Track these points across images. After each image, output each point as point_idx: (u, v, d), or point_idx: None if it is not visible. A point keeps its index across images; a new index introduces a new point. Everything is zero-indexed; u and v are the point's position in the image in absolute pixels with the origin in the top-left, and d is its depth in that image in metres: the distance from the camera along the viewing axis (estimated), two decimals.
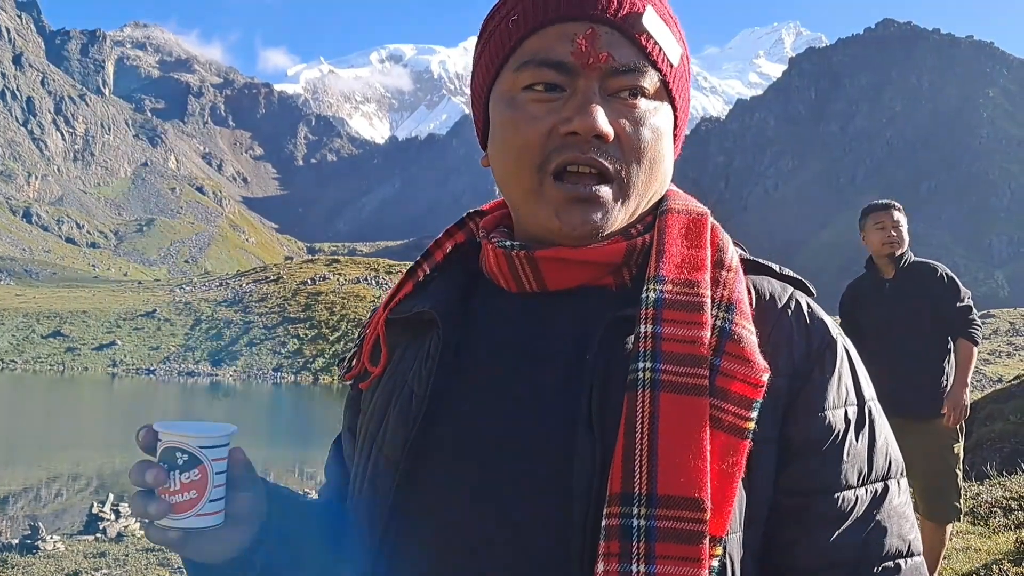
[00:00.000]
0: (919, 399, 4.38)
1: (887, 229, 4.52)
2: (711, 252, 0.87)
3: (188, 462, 0.80)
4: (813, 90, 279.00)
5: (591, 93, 0.83)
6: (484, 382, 0.87)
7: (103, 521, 13.51)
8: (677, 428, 0.77)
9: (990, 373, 34.44)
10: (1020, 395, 11.24)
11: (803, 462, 0.83)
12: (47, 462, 23.11)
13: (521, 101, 0.86)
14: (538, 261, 0.87)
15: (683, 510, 0.75)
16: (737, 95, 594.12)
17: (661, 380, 0.78)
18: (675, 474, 0.76)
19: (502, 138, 0.88)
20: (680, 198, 0.93)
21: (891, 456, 0.87)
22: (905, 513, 0.85)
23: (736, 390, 0.79)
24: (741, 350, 0.81)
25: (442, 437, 0.86)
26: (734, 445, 0.78)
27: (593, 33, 0.83)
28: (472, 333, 0.91)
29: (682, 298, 0.82)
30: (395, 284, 1.00)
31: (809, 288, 0.93)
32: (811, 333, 0.87)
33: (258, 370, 75.09)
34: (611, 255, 0.87)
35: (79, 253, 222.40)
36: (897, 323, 4.47)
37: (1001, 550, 5.43)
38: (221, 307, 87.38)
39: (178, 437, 0.80)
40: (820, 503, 0.82)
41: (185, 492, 0.80)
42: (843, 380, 0.86)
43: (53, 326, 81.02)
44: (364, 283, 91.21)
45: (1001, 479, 7.62)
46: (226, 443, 0.83)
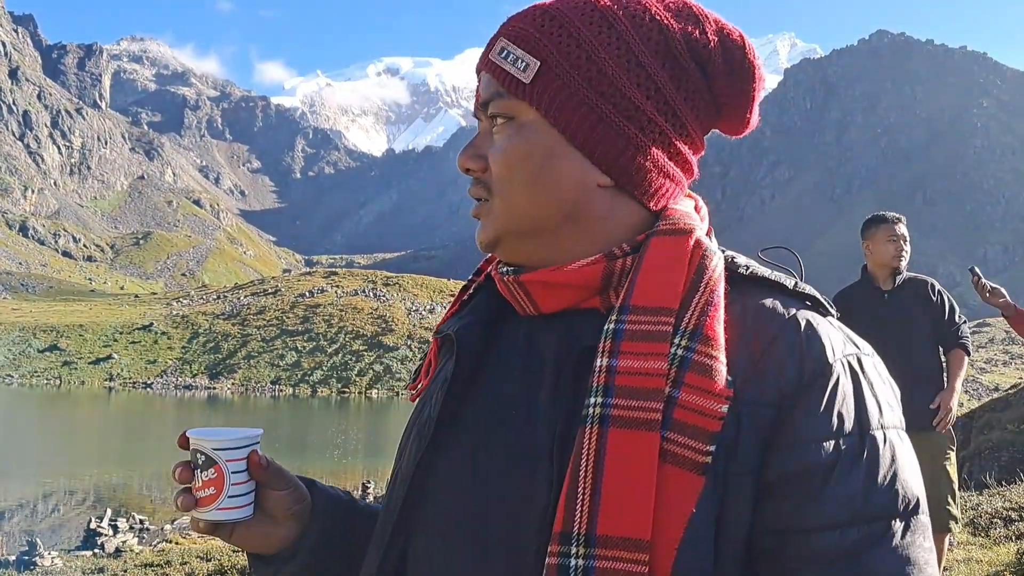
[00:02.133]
0: (915, 410, 4.41)
1: (898, 242, 4.60)
2: (688, 274, 0.83)
3: (206, 462, 0.90)
4: (808, 100, 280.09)
5: (480, 132, 0.92)
6: (488, 407, 0.89)
7: (101, 536, 13.48)
8: (623, 465, 0.75)
9: (986, 382, 34.49)
10: (1017, 404, 11.26)
11: (783, 498, 0.78)
12: (44, 477, 23.03)
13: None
14: (525, 284, 0.89)
15: (622, 550, 0.73)
16: None
17: (611, 415, 0.77)
18: (616, 513, 0.74)
19: None
20: (674, 216, 0.89)
21: (899, 491, 0.78)
22: (912, 557, 0.76)
23: (693, 422, 0.76)
24: (702, 380, 0.77)
25: (445, 460, 0.89)
26: (689, 480, 0.75)
27: (480, 80, 0.92)
28: (489, 356, 0.92)
29: (644, 327, 0.80)
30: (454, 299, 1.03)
31: (824, 305, 0.87)
32: (805, 357, 0.80)
33: (256, 383, 74.93)
34: (588, 277, 0.86)
35: (76, 267, 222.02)
36: (893, 334, 4.51)
37: (1003, 561, 5.44)
38: (219, 320, 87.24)
39: (198, 440, 0.91)
40: (797, 543, 0.77)
41: (206, 488, 0.90)
42: (837, 407, 0.79)
43: (50, 340, 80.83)
44: (362, 295, 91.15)
45: (1000, 489, 7.63)
46: (243, 446, 0.92)
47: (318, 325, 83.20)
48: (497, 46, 0.90)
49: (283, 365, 77.73)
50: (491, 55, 0.90)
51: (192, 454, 0.92)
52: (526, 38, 0.89)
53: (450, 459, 0.88)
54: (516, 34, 0.89)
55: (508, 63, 0.88)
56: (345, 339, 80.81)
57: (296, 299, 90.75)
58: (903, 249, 4.59)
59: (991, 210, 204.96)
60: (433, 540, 0.86)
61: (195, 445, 0.92)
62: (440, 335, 0.97)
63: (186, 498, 0.92)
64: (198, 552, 10.26)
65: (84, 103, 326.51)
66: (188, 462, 0.93)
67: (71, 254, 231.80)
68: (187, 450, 0.93)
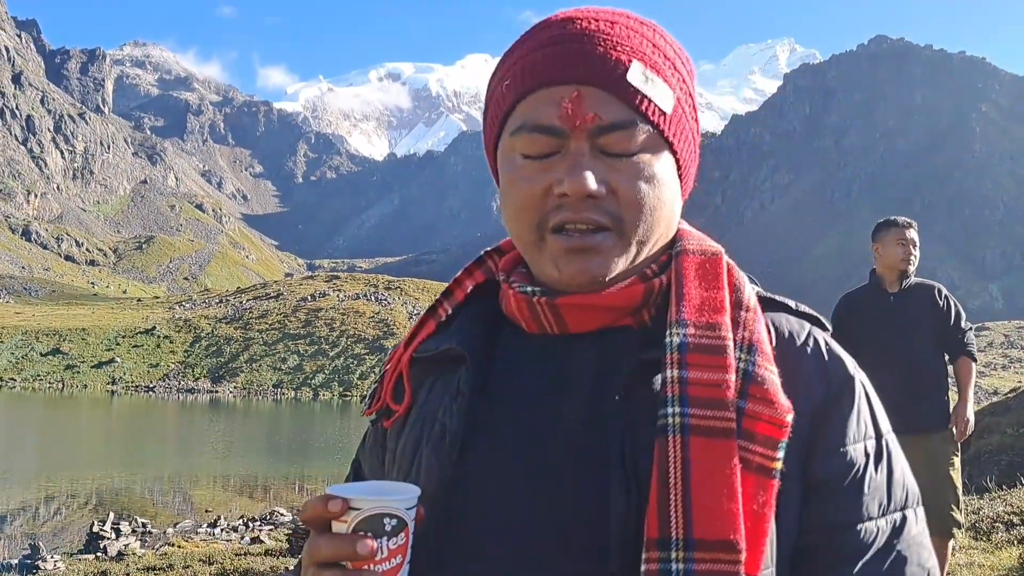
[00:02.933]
0: (920, 414, 4.44)
1: (907, 246, 4.63)
2: (728, 292, 0.89)
3: (396, 527, 0.78)
4: (807, 105, 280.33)
5: (580, 153, 0.86)
6: (511, 421, 0.89)
7: (103, 540, 13.48)
8: (709, 471, 0.79)
9: (986, 385, 34.50)
10: (1017, 408, 11.29)
11: (826, 498, 0.85)
12: (47, 480, 23.04)
13: (518, 163, 0.89)
14: (560, 308, 0.89)
15: (719, 552, 0.77)
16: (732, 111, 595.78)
17: (690, 424, 0.80)
18: (710, 518, 0.77)
19: (504, 197, 0.91)
20: (694, 238, 0.94)
21: (908, 486, 0.89)
22: (923, 542, 0.87)
23: (762, 431, 0.81)
24: (765, 392, 0.82)
25: (473, 473, 0.87)
26: (763, 485, 0.80)
27: (579, 96, 0.85)
28: (496, 372, 0.92)
29: (705, 341, 0.84)
30: (414, 324, 1.01)
31: (824, 324, 0.95)
32: (830, 371, 0.89)
33: (258, 386, 74.94)
34: (630, 298, 0.89)
35: (78, 271, 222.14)
36: (899, 337, 4.54)
37: (1005, 565, 5.46)
38: (221, 324, 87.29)
39: (385, 503, 0.78)
40: (843, 537, 0.84)
41: (392, 559, 0.78)
42: (862, 416, 0.88)
43: (52, 344, 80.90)
44: (364, 299, 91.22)
45: (1002, 493, 7.64)
46: (417, 502, 0.81)
47: (320, 329, 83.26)
48: (635, 69, 0.87)
49: (285, 369, 77.78)
50: (631, 78, 0.86)
51: (370, 521, 0.78)
52: (658, 66, 0.88)
53: (481, 475, 0.87)
54: (649, 60, 0.88)
55: (652, 90, 0.87)
56: (347, 343, 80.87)
57: (298, 303, 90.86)
58: (912, 253, 4.61)
59: (990, 215, 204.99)
60: (491, 557, 0.84)
61: (382, 508, 0.78)
62: (428, 354, 0.96)
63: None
64: (200, 556, 10.27)
65: (87, 108, 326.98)
66: (363, 532, 0.77)
67: (74, 258, 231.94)
68: (337, 518, 0.78)
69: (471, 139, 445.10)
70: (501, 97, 0.91)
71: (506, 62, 0.92)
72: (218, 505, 20.14)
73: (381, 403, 1.00)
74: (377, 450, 1.02)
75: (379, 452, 1.01)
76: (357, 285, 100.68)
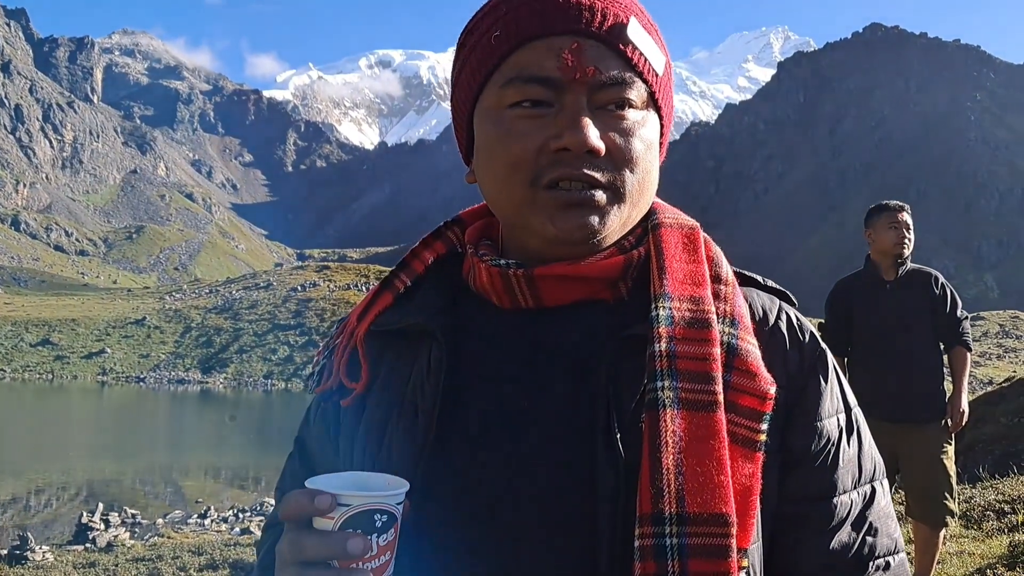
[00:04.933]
0: (915, 403, 4.39)
1: (900, 229, 4.52)
2: (708, 266, 0.88)
3: (387, 523, 0.74)
4: (802, 94, 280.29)
5: (579, 108, 0.82)
6: (488, 397, 0.86)
7: (93, 531, 13.42)
8: (700, 445, 0.78)
9: (981, 375, 34.59)
10: (1011, 397, 11.27)
11: (804, 470, 0.86)
12: (36, 471, 22.95)
13: (508, 117, 0.84)
14: (536, 280, 0.87)
15: (712, 526, 0.77)
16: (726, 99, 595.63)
17: (680, 398, 0.79)
18: (701, 491, 0.77)
19: (490, 155, 0.86)
20: (669, 211, 0.93)
21: (875, 459, 0.91)
22: (890, 512, 0.90)
23: (746, 404, 0.81)
24: (748, 364, 0.83)
25: (452, 452, 0.84)
26: (750, 457, 0.80)
27: (579, 47, 0.82)
28: (467, 347, 0.89)
29: (690, 315, 0.83)
30: (366, 296, 0.97)
31: (792, 299, 0.96)
32: (803, 345, 0.90)
33: (248, 377, 74.79)
34: (609, 270, 0.87)
35: (68, 261, 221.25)
36: (895, 325, 4.47)
37: (995, 554, 5.43)
38: (211, 314, 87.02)
39: (377, 499, 0.74)
40: (819, 508, 0.86)
41: (381, 555, 0.74)
42: (834, 390, 0.90)
43: (42, 334, 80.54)
44: (354, 289, 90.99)
45: (994, 482, 7.62)
46: (404, 497, 0.77)
47: (310, 319, 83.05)
48: (635, 24, 0.85)
49: (275, 359, 77.59)
50: (630, 33, 0.84)
51: (361, 517, 0.73)
52: (650, 27, 0.87)
53: (461, 453, 0.84)
54: (643, 19, 0.87)
55: (648, 49, 0.86)
56: None
57: (288, 293, 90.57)
58: (905, 236, 4.51)
59: (985, 204, 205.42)
60: (475, 535, 0.81)
61: (374, 504, 0.73)
62: (389, 328, 0.92)
63: (361, 575, 0.73)
64: (190, 547, 10.22)
65: (76, 97, 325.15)
66: (352, 529, 0.73)
67: (63, 248, 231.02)
68: (324, 515, 0.73)
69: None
70: (488, 49, 0.86)
71: (491, 15, 0.87)
72: (208, 496, 20.08)
73: (334, 379, 0.96)
74: (329, 428, 0.97)
75: (332, 430, 0.96)
76: (348, 275, 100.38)
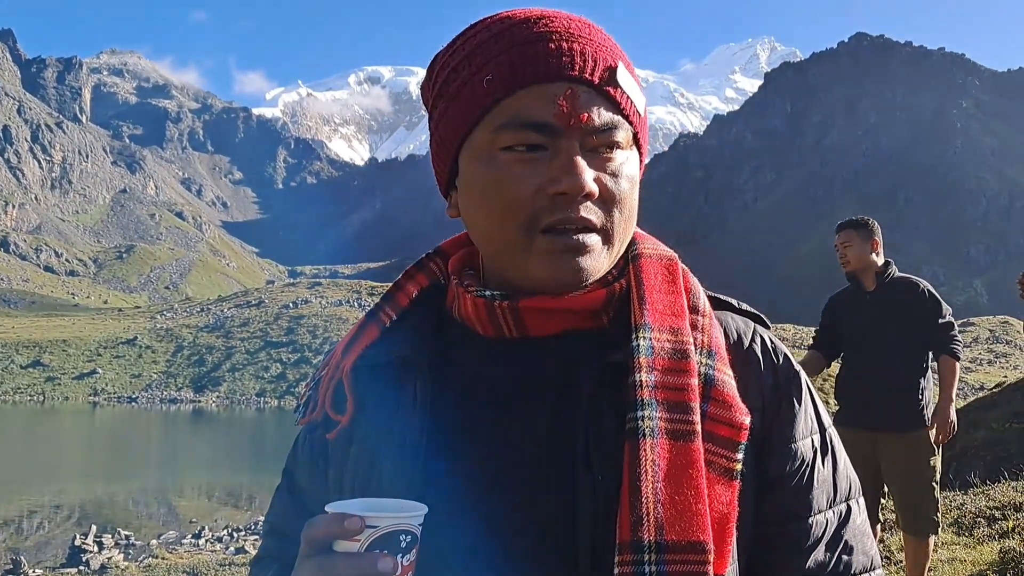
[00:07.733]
0: (897, 412, 4.42)
1: (840, 248, 4.70)
2: (686, 297, 0.91)
3: (410, 543, 0.77)
4: (789, 104, 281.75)
5: (574, 152, 0.85)
6: (473, 427, 0.88)
7: (86, 553, 13.36)
8: (678, 474, 0.80)
9: (971, 381, 34.67)
10: (1002, 403, 11.31)
11: (779, 493, 0.89)
12: (29, 494, 22.82)
13: (502, 160, 0.86)
14: (521, 311, 0.89)
15: (690, 553, 0.78)
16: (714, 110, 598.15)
17: (660, 428, 0.81)
18: (680, 520, 0.79)
19: (484, 196, 0.87)
20: (649, 242, 0.96)
21: (850, 478, 0.93)
22: (866, 530, 0.92)
23: (723, 433, 0.84)
24: (724, 395, 0.85)
25: (439, 481, 0.86)
26: (727, 485, 0.83)
27: (573, 93, 0.84)
28: (452, 378, 0.91)
29: (670, 345, 0.85)
30: (352, 329, 1.00)
31: (766, 322, 0.98)
32: (777, 369, 0.92)
33: (241, 395, 74.51)
34: (592, 302, 0.89)
35: (58, 281, 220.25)
36: (875, 336, 4.51)
37: (986, 560, 5.46)
38: (203, 333, 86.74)
39: (404, 520, 0.77)
40: (796, 529, 0.88)
41: (406, 575, 0.77)
42: (808, 411, 0.92)
43: (32, 356, 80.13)
44: (347, 305, 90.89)
45: (985, 488, 7.66)
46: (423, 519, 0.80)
47: (303, 336, 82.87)
48: (622, 71, 0.88)
49: (268, 377, 77.36)
50: (620, 79, 0.87)
51: (387, 538, 0.76)
52: (632, 70, 0.90)
53: (448, 482, 0.86)
54: (625, 63, 0.89)
55: (633, 92, 0.89)
56: (331, 350, 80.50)
57: (280, 310, 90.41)
58: (844, 256, 4.67)
59: (972, 211, 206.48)
60: (460, 564, 0.83)
61: (397, 526, 0.77)
62: (375, 361, 0.94)
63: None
64: (185, 567, 10.19)
65: (64, 117, 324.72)
66: (381, 550, 0.76)
67: (53, 269, 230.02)
68: (352, 538, 0.76)
69: None
70: (480, 91, 0.87)
71: (479, 56, 0.88)
72: (202, 516, 19.99)
73: (319, 412, 0.98)
74: (318, 460, 0.99)
75: (320, 463, 0.98)
76: (340, 291, 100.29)
